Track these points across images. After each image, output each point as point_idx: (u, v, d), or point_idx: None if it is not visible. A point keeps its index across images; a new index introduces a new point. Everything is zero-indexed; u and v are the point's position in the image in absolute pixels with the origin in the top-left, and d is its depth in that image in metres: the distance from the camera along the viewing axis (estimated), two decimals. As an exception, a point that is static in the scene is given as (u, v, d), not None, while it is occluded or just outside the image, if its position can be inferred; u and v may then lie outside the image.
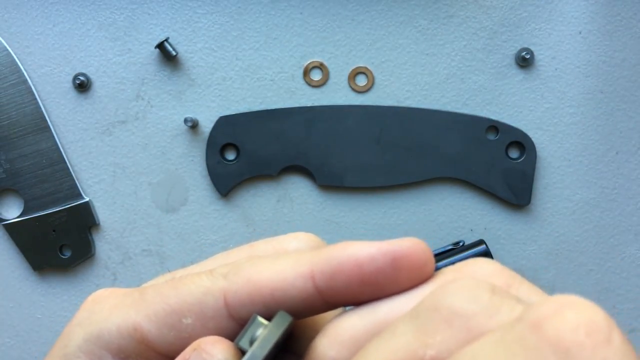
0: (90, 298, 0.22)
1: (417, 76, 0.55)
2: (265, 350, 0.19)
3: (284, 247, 0.22)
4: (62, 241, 0.55)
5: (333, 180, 0.55)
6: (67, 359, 0.21)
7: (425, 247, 0.19)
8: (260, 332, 0.19)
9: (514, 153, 0.55)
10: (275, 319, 0.19)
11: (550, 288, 0.55)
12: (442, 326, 0.17)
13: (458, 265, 0.19)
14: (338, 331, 0.19)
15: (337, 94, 0.55)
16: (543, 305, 0.16)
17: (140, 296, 0.21)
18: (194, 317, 0.20)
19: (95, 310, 0.22)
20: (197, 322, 0.20)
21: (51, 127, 0.55)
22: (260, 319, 0.20)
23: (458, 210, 0.55)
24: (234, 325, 0.20)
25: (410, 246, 0.19)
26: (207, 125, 0.55)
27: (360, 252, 0.19)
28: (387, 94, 0.55)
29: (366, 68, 0.54)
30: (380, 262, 0.19)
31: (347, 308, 0.20)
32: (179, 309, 0.20)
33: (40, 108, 0.54)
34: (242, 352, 0.19)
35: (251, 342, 0.19)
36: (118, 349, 0.21)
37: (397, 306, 0.19)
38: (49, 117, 0.55)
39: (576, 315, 0.15)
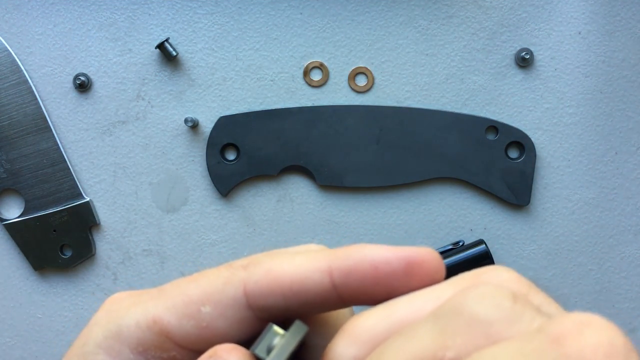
0: (108, 300, 0.23)
1: (417, 76, 0.55)
2: (283, 359, 0.19)
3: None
4: (62, 241, 0.55)
5: (333, 180, 0.55)
6: (85, 357, 0.21)
7: (437, 257, 0.20)
8: (277, 341, 0.20)
9: (513, 153, 0.55)
10: (291, 329, 0.20)
11: (550, 288, 0.55)
12: (462, 330, 0.17)
13: (476, 271, 0.20)
14: (358, 330, 0.19)
15: (337, 94, 0.55)
16: (564, 321, 0.16)
17: (158, 292, 0.22)
18: (212, 306, 0.21)
19: (113, 309, 0.22)
20: (215, 310, 0.21)
21: (52, 127, 0.55)
22: (276, 328, 0.20)
23: (458, 210, 0.55)
24: (251, 315, 0.21)
25: (424, 254, 0.20)
26: (207, 125, 0.55)
27: (376, 254, 0.20)
28: (387, 94, 0.55)
29: (366, 68, 0.54)
30: (394, 265, 0.20)
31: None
32: (198, 298, 0.21)
33: (40, 108, 0.55)
34: None
35: (268, 351, 0.20)
36: (137, 342, 0.21)
37: (415, 307, 0.19)
38: (49, 117, 0.55)
39: (597, 336, 0.15)
